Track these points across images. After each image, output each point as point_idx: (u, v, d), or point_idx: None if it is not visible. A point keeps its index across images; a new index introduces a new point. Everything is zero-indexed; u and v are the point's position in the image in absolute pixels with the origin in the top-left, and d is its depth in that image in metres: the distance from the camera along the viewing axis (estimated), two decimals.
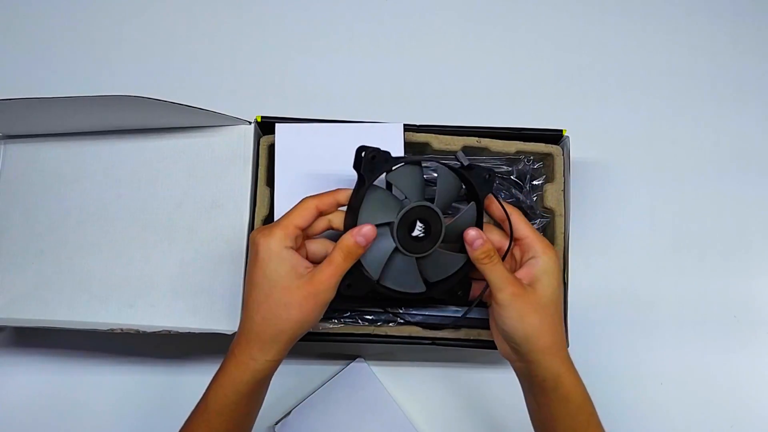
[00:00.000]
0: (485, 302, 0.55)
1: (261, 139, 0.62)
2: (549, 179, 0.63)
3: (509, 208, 0.53)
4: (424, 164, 0.61)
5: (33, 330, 0.66)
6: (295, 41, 0.78)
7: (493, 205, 0.53)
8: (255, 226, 0.60)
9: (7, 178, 0.62)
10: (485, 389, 0.69)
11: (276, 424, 0.64)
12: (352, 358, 0.67)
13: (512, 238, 0.53)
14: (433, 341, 0.59)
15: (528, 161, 0.64)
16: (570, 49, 0.78)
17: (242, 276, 0.58)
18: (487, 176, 0.52)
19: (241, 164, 0.60)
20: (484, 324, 0.60)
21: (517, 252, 0.54)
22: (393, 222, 0.50)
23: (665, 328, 0.70)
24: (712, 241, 0.72)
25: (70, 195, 0.61)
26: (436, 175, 0.52)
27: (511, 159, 0.64)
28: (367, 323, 0.60)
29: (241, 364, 0.48)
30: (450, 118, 0.62)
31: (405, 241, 0.50)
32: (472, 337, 0.59)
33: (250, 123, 0.61)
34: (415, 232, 0.51)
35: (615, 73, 0.77)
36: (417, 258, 0.51)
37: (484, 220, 0.54)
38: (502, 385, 0.69)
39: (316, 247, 0.51)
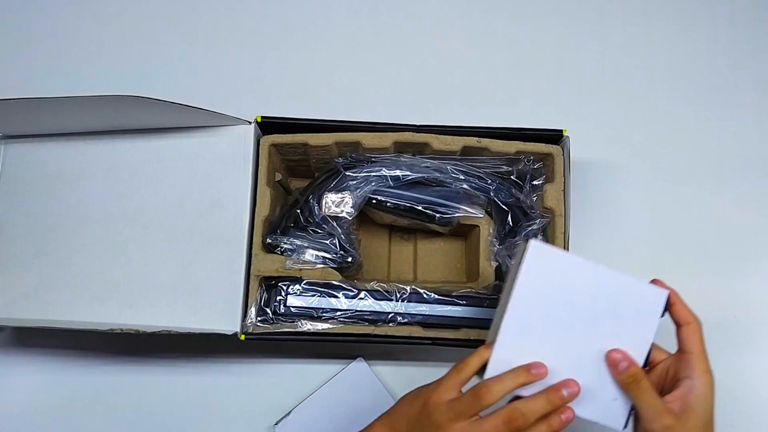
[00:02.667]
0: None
1: (261, 139, 0.62)
2: (549, 179, 0.63)
3: (691, 317, 0.48)
4: (423, 164, 0.61)
5: (33, 330, 0.66)
6: (295, 41, 0.78)
7: (676, 307, 0.49)
8: (255, 226, 0.60)
9: (7, 178, 0.62)
10: None
11: (276, 424, 0.64)
12: (352, 358, 0.67)
13: (647, 361, 0.49)
14: (433, 341, 0.59)
15: (528, 161, 0.64)
16: (570, 49, 0.78)
17: (243, 276, 0.58)
18: None
19: (241, 164, 0.60)
20: (484, 324, 0.60)
21: (673, 364, 0.49)
22: None
23: (665, 327, 0.70)
24: (712, 241, 0.72)
25: (70, 195, 0.61)
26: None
27: (511, 159, 0.64)
28: (367, 323, 0.60)
29: None
30: (450, 118, 0.62)
31: None
32: (472, 337, 0.59)
33: (250, 123, 0.61)
34: None
35: (615, 73, 0.77)
36: None
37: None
38: None
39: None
